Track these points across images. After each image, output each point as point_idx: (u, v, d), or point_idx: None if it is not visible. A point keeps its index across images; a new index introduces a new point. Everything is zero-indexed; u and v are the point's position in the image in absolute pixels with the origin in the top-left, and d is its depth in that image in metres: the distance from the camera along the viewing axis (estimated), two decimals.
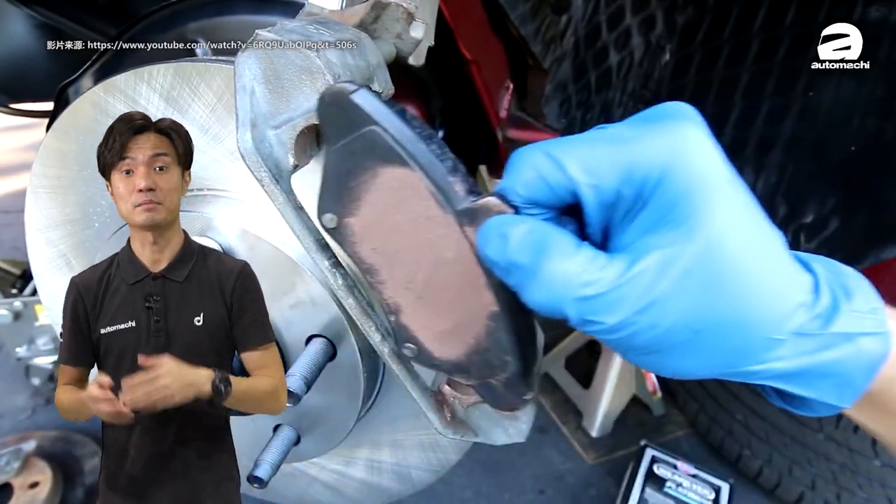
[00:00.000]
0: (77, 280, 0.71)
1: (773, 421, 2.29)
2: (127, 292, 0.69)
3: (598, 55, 1.48)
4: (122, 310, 0.69)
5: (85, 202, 1.06)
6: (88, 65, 1.20)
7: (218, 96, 0.91)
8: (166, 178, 0.67)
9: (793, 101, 1.33)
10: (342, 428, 1.03)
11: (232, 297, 0.73)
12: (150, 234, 0.69)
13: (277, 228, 0.87)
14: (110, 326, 0.68)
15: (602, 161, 0.46)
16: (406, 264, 0.63)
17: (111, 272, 0.71)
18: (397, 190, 0.60)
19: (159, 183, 0.66)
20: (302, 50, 0.66)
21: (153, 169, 0.66)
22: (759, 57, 1.35)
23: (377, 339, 0.76)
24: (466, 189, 0.59)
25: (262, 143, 0.70)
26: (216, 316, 0.72)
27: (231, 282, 0.73)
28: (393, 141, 0.59)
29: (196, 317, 0.70)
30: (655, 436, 2.67)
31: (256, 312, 0.75)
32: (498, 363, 0.64)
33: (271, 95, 0.68)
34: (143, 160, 0.66)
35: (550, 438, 2.67)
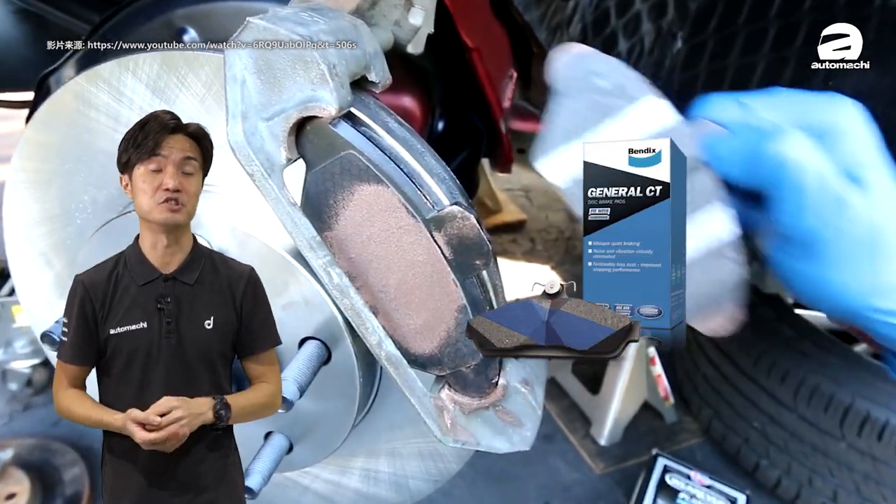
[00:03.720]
0: (83, 278, 0.73)
1: (792, 429, 2.30)
2: (137, 293, 0.72)
3: (606, 42, 1.49)
4: (133, 311, 0.71)
5: (66, 197, 1.06)
6: (71, 53, 1.21)
7: (207, 87, 0.91)
8: (192, 181, 0.71)
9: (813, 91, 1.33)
10: (337, 435, 1.04)
11: (242, 301, 0.76)
12: (165, 236, 0.72)
13: (269, 225, 0.88)
14: (120, 327, 0.71)
15: (780, 108, 0.67)
16: (380, 271, 0.74)
17: (119, 272, 0.73)
18: (372, 205, 0.71)
19: (185, 186, 0.70)
20: (295, 38, 0.66)
21: (181, 171, 0.70)
22: (777, 44, 1.35)
23: (373, 342, 0.77)
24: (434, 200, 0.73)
25: (254, 135, 0.71)
26: (226, 319, 0.75)
27: (241, 286, 0.77)
28: (369, 162, 0.70)
29: (207, 320, 0.73)
30: (668, 444, 2.68)
31: (266, 317, 0.79)
32: (468, 351, 0.75)
33: (263, 86, 0.69)
34: (175, 160, 0.70)
35: (557, 447, 2.68)
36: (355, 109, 0.74)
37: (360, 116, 0.75)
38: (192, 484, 0.74)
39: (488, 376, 0.77)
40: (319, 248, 0.74)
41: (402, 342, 0.77)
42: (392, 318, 0.76)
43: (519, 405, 0.78)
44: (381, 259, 0.74)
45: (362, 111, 0.76)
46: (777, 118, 0.66)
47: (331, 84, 0.67)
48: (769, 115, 0.67)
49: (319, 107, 0.68)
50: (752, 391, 2.40)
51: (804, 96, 0.68)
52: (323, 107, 0.68)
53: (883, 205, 0.61)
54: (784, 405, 2.30)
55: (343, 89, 0.69)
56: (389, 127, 0.78)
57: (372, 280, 0.75)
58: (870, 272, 0.61)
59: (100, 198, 1.04)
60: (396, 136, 0.77)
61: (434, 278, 0.72)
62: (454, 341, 0.75)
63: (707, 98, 0.72)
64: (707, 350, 2.62)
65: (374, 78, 0.77)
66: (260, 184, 0.72)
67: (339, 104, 0.68)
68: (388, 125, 0.78)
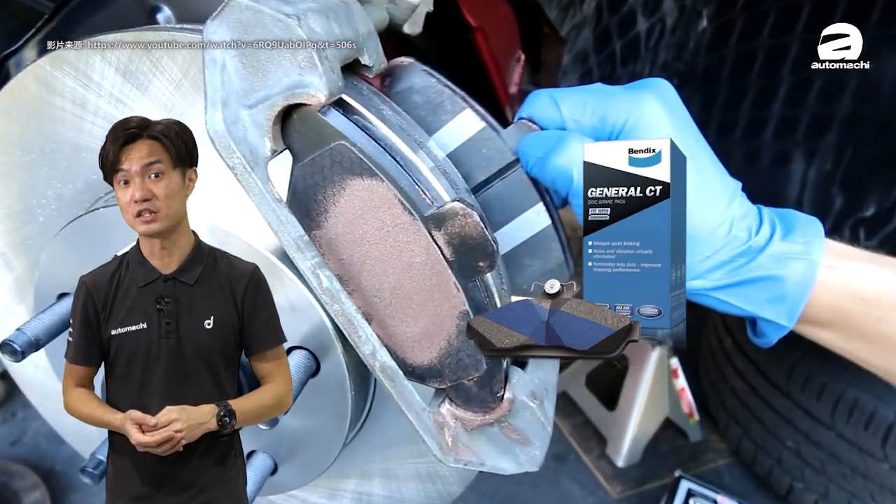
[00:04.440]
0: (87, 279, 0.80)
1: (829, 448, 2.30)
2: (138, 294, 0.78)
3: (623, 21, 1.49)
4: (134, 311, 0.78)
5: (28, 192, 1.07)
6: (32, 33, 1.21)
7: (183, 71, 0.92)
8: (162, 184, 0.74)
9: (850, 74, 1.34)
10: (326, 455, 1.04)
11: (244, 300, 0.81)
12: (158, 241, 0.78)
13: (252, 223, 0.88)
14: (121, 328, 0.77)
15: (587, 107, 0.81)
16: (374, 273, 0.75)
17: (121, 273, 0.80)
18: (365, 201, 0.72)
19: (155, 191, 0.74)
20: (281, 17, 0.67)
21: (147, 177, 0.74)
22: (812, 23, 1.36)
23: (366, 352, 0.78)
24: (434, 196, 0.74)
25: (235, 124, 0.71)
26: (227, 319, 0.80)
27: (242, 285, 0.81)
28: (361, 154, 0.70)
29: (207, 319, 0.79)
30: (692, 465, 2.68)
31: (269, 315, 0.84)
32: (470, 362, 0.76)
33: (245, 70, 0.70)
34: (137, 170, 0.73)
35: (569, 468, 2.69)
36: (347, 96, 0.75)
37: (351, 104, 0.76)
38: (191, 483, 0.80)
39: (493, 389, 0.77)
40: (307, 248, 0.75)
41: (399, 352, 0.77)
42: (387, 325, 0.76)
43: (527, 421, 0.79)
44: (376, 260, 0.74)
45: (354, 98, 0.76)
46: (582, 118, 0.80)
47: (320, 68, 0.68)
48: (575, 115, 0.81)
49: (307, 93, 0.68)
50: (786, 406, 2.40)
51: (612, 93, 0.80)
52: (311, 93, 0.68)
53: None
54: (821, 422, 2.30)
55: (333, 74, 0.70)
56: (384, 115, 0.78)
57: (365, 283, 0.75)
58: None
59: (65, 193, 1.05)
60: (392, 126, 0.78)
61: (433, 281, 0.73)
62: (455, 351, 0.75)
63: (533, 95, 0.85)
64: (735, 361, 2.62)
65: (368, 61, 0.78)
66: (242, 178, 0.72)
67: (328, 90, 0.69)
68: (382, 113, 0.78)
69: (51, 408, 1.28)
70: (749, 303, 0.81)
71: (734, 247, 0.78)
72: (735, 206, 0.79)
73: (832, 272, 0.79)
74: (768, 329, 0.84)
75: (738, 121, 1.82)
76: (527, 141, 0.82)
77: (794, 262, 0.78)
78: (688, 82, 1.79)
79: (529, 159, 0.81)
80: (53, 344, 0.94)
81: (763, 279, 0.79)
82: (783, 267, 0.78)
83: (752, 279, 0.79)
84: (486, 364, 0.75)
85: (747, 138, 1.82)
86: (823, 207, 1.33)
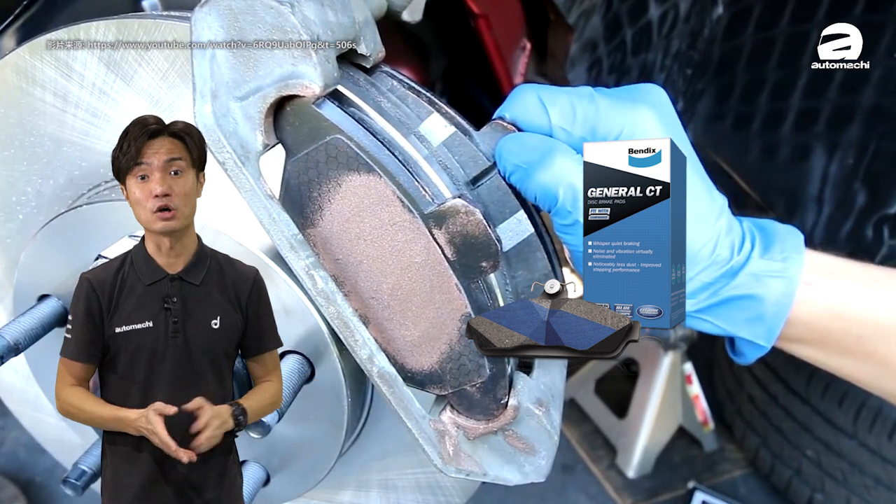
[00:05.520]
0: (89, 276, 0.82)
1: (852, 458, 2.30)
2: (143, 292, 0.81)
3: (634, 8, 1.49)
4: (139, 310, 0.80)
5: (6, 189, 1.07)
6: (10, 20, 1.21)
7: (170, 61, 0.92)
8: (181, 182, 0.77)
9: (875, 64, 1.34)
10: (321, 465, 1.04)
11: (248, 302, 0.84)
12: (167, 240, 0.80)
13: (243, 221, 0.88)
14: (126, 325, 0.80)
15: (577, 116, 0.77)
16: (371, 274, 0.76)
17: (125, 270, 0.82)
18: (362, 198, 0.73)
19: (175, 188, 0.77)
20: (273, 5, 0.67)
21: (168, 173, 0.77)
22: (834, 10, 1.36)
23: (363, 356, 0.78)
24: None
25: (225, 117, 0.71)
26: (232, 320, 0.83)
27: (247, 288, 0.85)
28: (358, 148, 0.71)
29: (213, 320, 0.82)
30: (706, 476, 2.69)
31: (270, 319, 0.88)
32: (473, 367, 0.76)
33: (236, 60, 0.70)
34: (159, 165, 0.76)
35: (577, 479, 2.69)
36: (343, 87, 0.75)
37: (348, 95, 0.76)
38: (191, 483, 0.82)
39: (496, 396, 0.77)
40: (301, 247, 0.75)
41: (397, 356, 0.78)
42: (385, 328, 0.77)
43: (532, 429, 0.79)
44: (373, 260, 0.74)
45: (351, 89, 0.76)
46: (571, 127, 0.77)
47: (314, 58, 0.68)
48: (564, 124, 0.77)
49: (301, 84, 0.69)
50: (805, 414, 2.40)
51: (603, 101, 0.77)
52: (305, 84, 0.69)
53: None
54: (842, 430, 2.30)
55: (328, 64, 0.70)
56: (382, 108, 0.78)
57: (362, 285, 0.75)
58: None
59: (46, 189, 1.05)
60: (390, 119, 0.78)
61: (434, 282, 0.73)
62: (457, 355, 0.75)
63: (518, 91, 0.80)
64: (752, 366, 2.62)
65: (365, 50, 0.78)
66: (232, 173, 0.72)
67: (323, 81, 0.69)
68: (380, 105, 0.78)
69: (31, 416, 1.28)
70: (727, 322, 0.81)
71: (718, 268, 0.78)
72: (721, 223, 0.79)
73: (811, 290, 0.80)
74: (746, 349, 0.85)
75: (756, 113, 1.82)
76: (505, 145, 0.78)
77: (773, 281, 0.78)
78: (702, 72, 1.79)
79: (508, 166, 0.78)
80: (34, 349, 0.95)
81: (741, 298, 0.79)
82: (761, 286, 0.78)
83: (730, 298, 0.79)
84: (489, 369, 0.75)
85: (765, 131, 1.82)
86: (845, 204, 1.33)
